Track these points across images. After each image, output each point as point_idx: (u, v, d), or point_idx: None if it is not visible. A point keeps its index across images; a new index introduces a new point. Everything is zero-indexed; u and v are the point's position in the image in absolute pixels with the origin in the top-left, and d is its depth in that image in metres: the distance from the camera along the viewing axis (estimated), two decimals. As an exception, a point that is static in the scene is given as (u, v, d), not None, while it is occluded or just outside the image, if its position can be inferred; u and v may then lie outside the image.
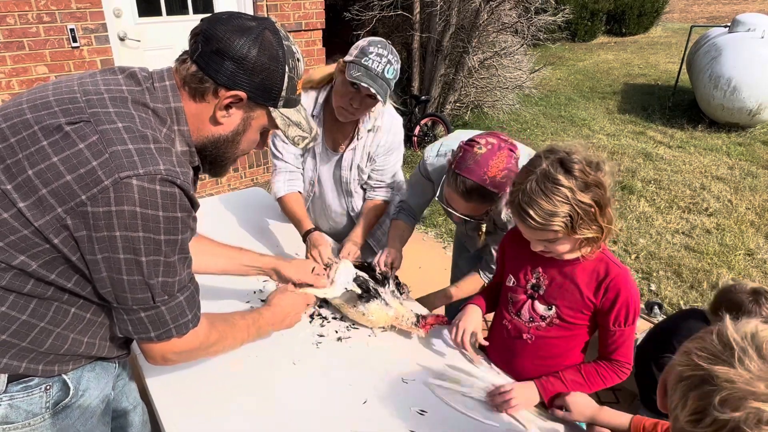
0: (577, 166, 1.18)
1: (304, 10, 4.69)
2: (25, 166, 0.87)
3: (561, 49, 11.54)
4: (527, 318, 1.45)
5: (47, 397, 1.04)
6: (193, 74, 1.01)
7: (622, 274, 1.32)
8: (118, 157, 0.88)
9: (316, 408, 1.34)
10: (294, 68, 1.07)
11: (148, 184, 0.89)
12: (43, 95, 0.96)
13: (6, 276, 0.91)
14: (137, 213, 0.88)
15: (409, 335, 1.64)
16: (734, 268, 3.68)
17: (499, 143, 1.52)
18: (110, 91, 0.97)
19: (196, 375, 1.42)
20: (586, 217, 1.19)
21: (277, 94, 1.06)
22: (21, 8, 3.39)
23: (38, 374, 1.01)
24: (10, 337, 0.96)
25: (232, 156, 1.14)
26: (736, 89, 5.94)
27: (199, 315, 1.08)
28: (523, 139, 6.30)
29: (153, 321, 0.99)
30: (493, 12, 6.08)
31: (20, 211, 0.87)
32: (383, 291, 1.62)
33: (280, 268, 1.55)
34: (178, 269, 0.99)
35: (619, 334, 1.34)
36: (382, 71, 1.69)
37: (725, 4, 18.12)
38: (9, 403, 1.00)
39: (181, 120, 1.03)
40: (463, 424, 1.32)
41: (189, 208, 0.97)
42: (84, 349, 1.06)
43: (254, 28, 1.01)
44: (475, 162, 1.50)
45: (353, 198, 2.11)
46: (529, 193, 1.20)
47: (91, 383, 1.12)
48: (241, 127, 1.09)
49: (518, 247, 1.45)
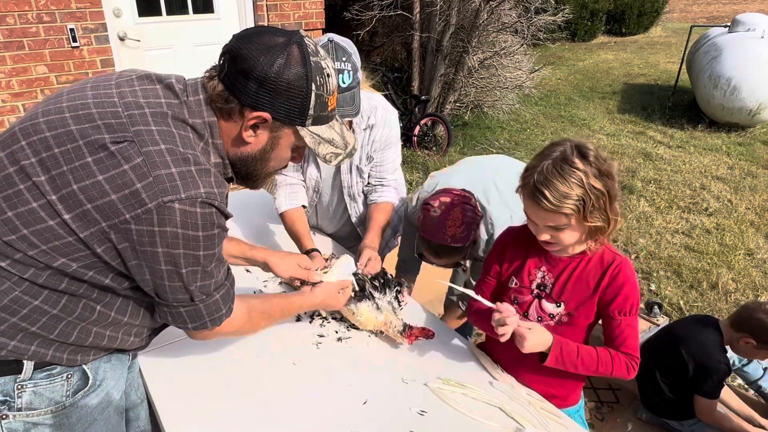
0: (592, 153, 1.22)
1: (304, 10, 4.69)
2: (69, 180, 0.91)
3: (561, 49, 11.54)
4: (535, 318, 1.44)
5: (68, 385, 1.08)
6: (220, 94, 1.01)
7: (625, 263, 1.34)
8: (162, 182, 0.92)
9: (317, 408, 1.34)
10: (323, 85, 1.04)
11: (189, 208, 0.94)
12: (83, 103, 0.98)
13: (44, 275, 0.96)
14: (179, 234, 0.95)
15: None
16: (734, 268, 3.68)
17: (452, 201, 1.67)
18: (150, 105, 0.99)
19: (196, 375, 1.42)
20: (597, 204, 1.21)
21: (304, 113, 1.04)
22: (21, 8, 3.39)
23: (62, 362, 1.06)
24: (40, 329, 1.01)
25: (263, 173, 1.15)
26: (736, 89, 5.94)
27: (233, 307, 1.16)
28: (523, 139, 6.31)
29: (191, 315, 1.08)
30: (493, 12, 6.08)
31: (65, 222, 0.92)
32: (378, 296, 1.61)
33: (270, 262, 1.55)
34: (215, 274, 1.06)
35: (625, 324, 1.35)
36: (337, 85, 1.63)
37: (725, 4, 18.11)
38: (33, 390, 1.04)
39: (215, 134, 1.05)
40: (463, 424, 1.32)
41: (224, 224, 1.04)
42: (106, 342, 1.11)
43: (280, 45, 0.99)
44: (433, 225, 1.67)
45: (356, 202, 2.09)
46: (545, 173, 1.21)
47: (108, 374, 1.16)
48: (269, 146, 1.09)
49: (517, 248, 1.45)
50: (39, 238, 0.93)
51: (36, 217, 0.92)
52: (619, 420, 2.34)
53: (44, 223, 0.92)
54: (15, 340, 0.99)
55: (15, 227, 0.92)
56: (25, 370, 1.02)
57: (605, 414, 2.36)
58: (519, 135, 6.48)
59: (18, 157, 0.93)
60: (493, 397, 1.40)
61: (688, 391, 2.13)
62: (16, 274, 0.95)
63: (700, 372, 2.06)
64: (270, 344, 1.54)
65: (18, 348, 1.00)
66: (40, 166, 0.92)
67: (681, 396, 2.17)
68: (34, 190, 0.92)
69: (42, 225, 0.92)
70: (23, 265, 0.94)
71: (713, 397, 2.08)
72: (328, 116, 1.10)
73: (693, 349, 2.09)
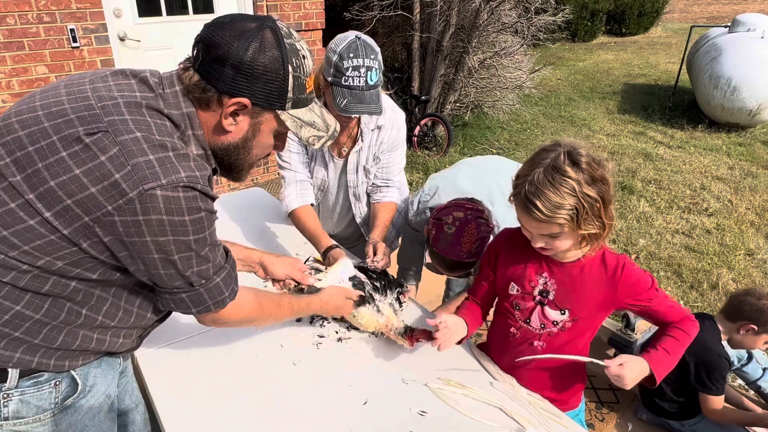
0: (584, 159, 1.18)
1: (304, 10, 4.69)
2: (45, 177, 0.89)
3: (561, 49, 11.54)
4: (538, 325, 1.41)
5: (56, 392, 1.06)
6: (196, 84, 1.00)
7: (626, 259, 1.33)
8: (141, 169, 0.90)
9: (317, 408, 1.34)
10: (300, 67, 1.03)
11: (171, 193, 0.92)
12: (57, 100, 0.96)
13: (25, 277, 0.94)
14: (164, 220, 0.93)
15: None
16: (734, 268, 3.68)
17: (466, 216, 1.63)
18: (124, 96, 0.97)
19: (196, 375, 1.42)
20: (591, 211, 1.18)
21: (283, 96, 1.03)
22: (21, 8, 3.39)
23: (49, 369, 1.04)
24: (23, 334, 0.98)
25: (246, 162, 1.13)
26: (736, 89, 5.94)
27: (236, 289, 1.15)
28: (523, 139, 6.31)
29: (192, 300, 1.07)
30: (493, 12, 6.08)
31: (46, 220, 0.90)
32: (379, 298, 1.60)
33: (266, 263, 1.52)
34: (210, 257, 1.05)
35: (657, 302, 1.34)
36: (365, 82, 1.61)
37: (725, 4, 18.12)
38: (20, 398, 1.02)
39: (195, 125, 1.03)
40: (463, 424, 1.32)
41: (211, 206, 1.01)
42: (94, 345, 1.09)
43: (252, 30, 0.98)
44: (448, 243, 1.63)
45: (360, 202, 2.09)
46: (536, 184, 1.17)
47: (98, 379, 1.14)
48: (250, 133, 1.07)
49: (514, 252, 1.43)
50: (20, 238, 0.91)
51: (15, 217, 0.90)
52: (619, 420, 2.35)
53: (24, 222, 0.90)
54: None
55: None
56: (10, 379, 1.00)
57: (605, 414, 2.36)
58: (519, 135, 6.48)
59: None
60: (493, 398, 1.40)
61: (689, 391, 2.14)
62: None
63: (701, 369, 2.06)
64: (270, 344, 1.54)
65: (2, 355, 0.98)
66: (15, 166, 0.90)
67: (682, 396, 2.17)
68: (11, 191, 0.90)
69: (22, 225, 0.90)
70: (4, 268, 0.92)
71: (718, 394, 2.08)
72: (307, 99, 1.09)
73: (692, 347, 2.09)
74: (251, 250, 1.55)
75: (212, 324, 1.18)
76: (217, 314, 1.13)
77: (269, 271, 1.53)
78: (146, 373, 1.41)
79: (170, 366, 1.44)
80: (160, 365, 1.44)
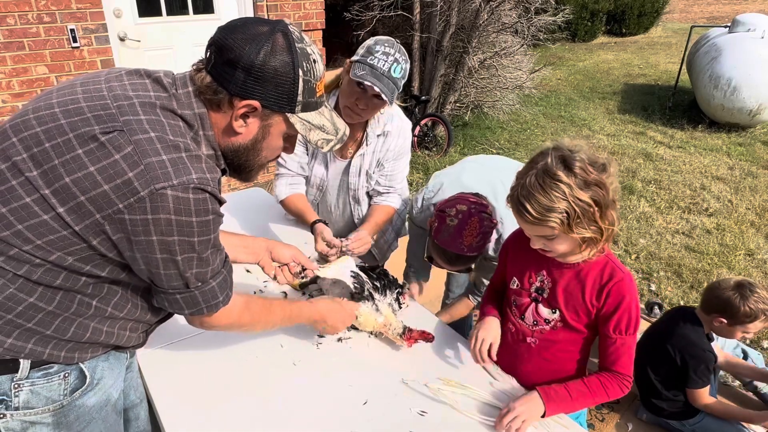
0: (578, 164, 1.17)
1: (304, 10, 4.69)
2: (62, 173, 0.91)
3: (561, 49, 11.55)
4: (531, 321, 1.44)
5: (65, 384, 1.08)
6: (208, 85, 1.02)
7: (626, 280, 1.30)
8: (153, 169, 0.92)
9: (317, 409, 1.34)
10: (310, 71, 1.04)
11: (182, 194, 0.94)
12: (73, 98, 0.98)
13: (38, 271, 0.96)
14: (172, 220, 0.95)
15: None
16: (734, 269, 3.68)
17: (469, 209, 1.62)
18: (139, 96, 0.99)
19: (196, 375, 1.42)
20: (584, 216, 1.17)
21: (293, 99, 1.05)
22: (21, 8, 3.39)
23: (59, 361, 1.06)
24: (36, 325, 1.01)
25: (255, 164, 1.15)
26: (736, 89, 5.94)
27: (231, 295, 1.16)
28: (523, 139, 6.31)
29: (187, 301, 1.09)
30: (493, 12, 6.08)
31: (59, 215, 0.92)
32: (379, 298, 1.61)
33: (272, 248, 1.57)
34: (211, 261, 1.06)
35: (620, 343, 1.32)
36: (389, 70, 1.66)
37: (725, 4, 18.12)
38: (30, 389, 1.04)
39: (206, 125, 1.05)
40: (463, 424, 1.32)
41: (218, 210, 1.03)
42: (104, 338, 1.11)
43: (264, 34, 1.00)
44: (450, 235, 1.62)
45: (360, 205, 2.09)
46: (527, 187, 1.19)
47: (105, 372, 1.16)
48: (259, 135, 1.09)
49: (522, 249, 1.44)
50: (34, 233, 0.93)
51: (30, 212, 0.92)
52: (619, 420, 2.35)
53: (38, 217, 0.92)
54: (11, 338, 0.99)
55: (9, 223, 0.92)
56: (22, 369, 1.02)
57: (605, 415, 2.36)
58: (519, 135, 6.48)
59: (9, 153, 0.94)
60: (493, 398, 1.40)
61: (682, 387, 2.14)
62: (10, 271, 0.95)
63: (687, 363, 2.08)
64: (270, 344, 1.54)
65: (14, 346, 1.00)
66: (31, 161, 0.92)
67: (676, 393, 2.18)
68: (27, 186, 0.92)
69: (36, 219, 0.92)
70: (18, 262, 0.95)
71: (703, 386, 2.10)
72: (317, 102, 1.11)
73: (676, 342, 2.12)
74: (258, 239, 1.59)
75: (200, 326, 1.19)
76: (208, 318, 1.15)
77: (275, 256, 1.57)
78: (146, 373, 1.41)
79: (170, 366, 1.45)
80: (160, 365, 1.45)
